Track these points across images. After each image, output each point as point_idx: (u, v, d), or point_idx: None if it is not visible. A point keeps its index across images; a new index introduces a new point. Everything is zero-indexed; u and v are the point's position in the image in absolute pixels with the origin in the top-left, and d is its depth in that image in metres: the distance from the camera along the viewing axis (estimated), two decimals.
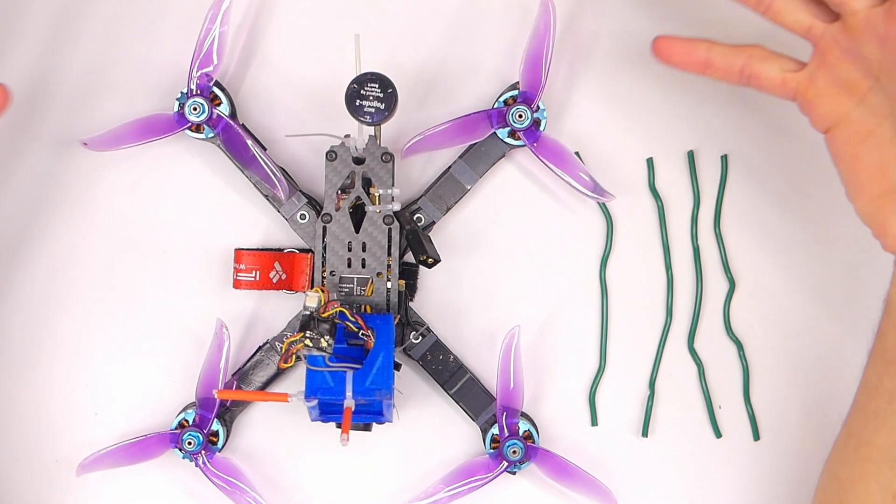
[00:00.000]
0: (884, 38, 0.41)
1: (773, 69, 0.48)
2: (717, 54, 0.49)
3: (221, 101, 0.59)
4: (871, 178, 0.44)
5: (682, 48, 0.49)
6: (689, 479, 0.62)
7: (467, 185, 0.60)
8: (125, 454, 0.59)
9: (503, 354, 0.59)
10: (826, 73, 0.45)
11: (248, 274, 0.59)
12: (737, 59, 0.48)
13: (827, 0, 0.43)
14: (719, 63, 0.49)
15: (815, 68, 0.46)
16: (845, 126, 0.45)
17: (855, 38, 0.43)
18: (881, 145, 0.44)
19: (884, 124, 0.43)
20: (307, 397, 0.50)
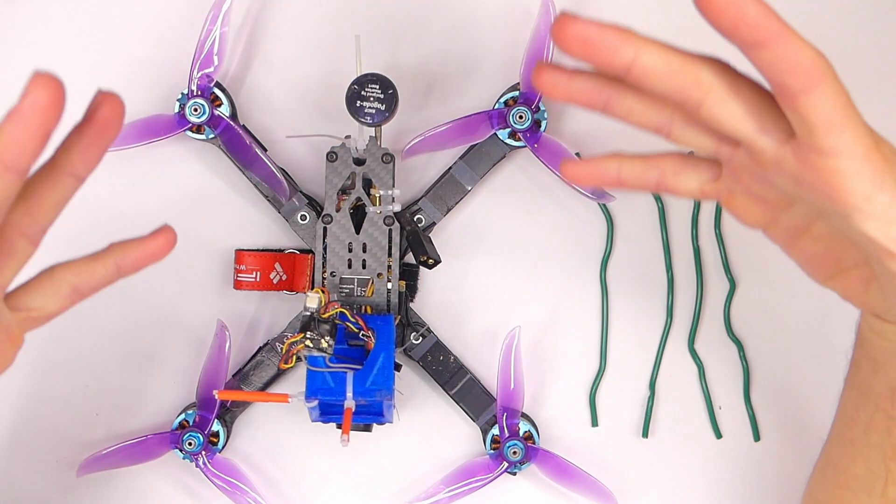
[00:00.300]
0: (797, 178, 0.37)
1: (690, 183, 0.43)
2: (628, 171, 0.44)
3: (222, 101, 0.59)
4: (821, 264, 0.43)
5: (589, 170, 0.44)
6: (690, 479, 0.62)
7: (468, 185, 0.60)
8: (126, 455, 0.59)
9: (503, 355, 0.59)
10: (743, 190, 0.41)
11: (249, 275, 0.59)
12: (650, 174, 0.43)
13: (721, 131, 0.38)
14: (631, 181, 0.44)
15: (732, 184, 0.42)
16: (777, 227, 0.42)
17: (766, 171, 0.39)
18: (820, 238, 0.42)
19: (817, 223, 0.41)
20: (307, 398, 0.50)
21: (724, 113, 0.37)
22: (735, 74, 0.37)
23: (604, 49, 0.36)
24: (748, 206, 0.42)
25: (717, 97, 0.37)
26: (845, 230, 0.38)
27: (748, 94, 0.37)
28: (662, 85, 0.36)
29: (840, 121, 0.35)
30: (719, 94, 0.37)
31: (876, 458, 0.45)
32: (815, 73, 0.35)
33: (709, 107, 0.37)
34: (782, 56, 0.34)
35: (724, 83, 0.37)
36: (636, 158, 0.44)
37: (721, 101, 0.37)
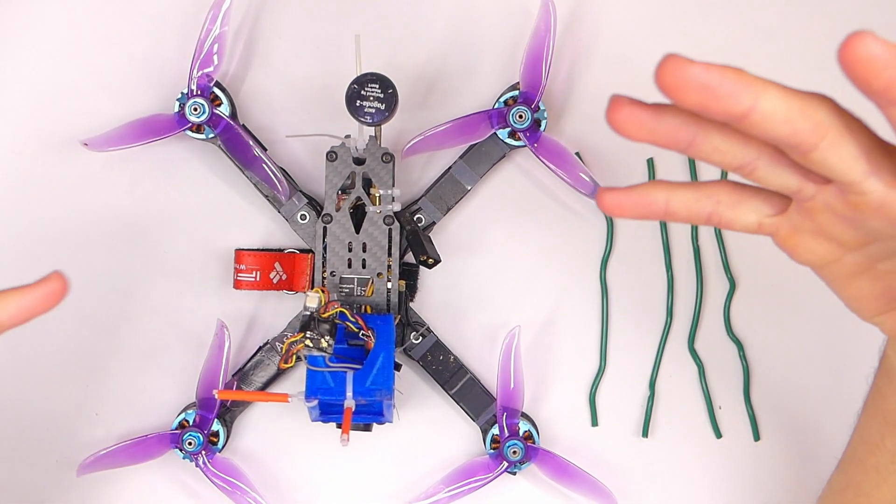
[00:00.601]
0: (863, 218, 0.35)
1: (748, 216, 0.40)
2: (679, 203, 0.39)
3: (222, 101, 0.59)
4: (874, 301, 0.41)
5: (632, 201, 0.39)
6: (690, 479, 0.62)
7: (468, 185, 0.60)
8: (126, 454, 0.59)
9: (503, 355, 0.59)
10: (812, 228, 0.39)
11: (249, 274, 0.59)
12: (703, 205, 0.39)
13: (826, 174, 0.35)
14: (682, 213, 0.39)
15: (800, 221, 0.39)
16: (837, 266, 0.40)
17: (860, 213, 0.36)
18: (883, 276, 0.40)
19: (885, 262, 0.39)
20: (307, 398, 0.50)
21: (837, 156, 0.34)
22: (846, 114, 0.34)
23: (723, 97, 0.32)
24: (812, 245, 0.39)
25: (832, 140, 0.34)
26: None
27: (861, 135, 0.34)
28: (778, 131, 0.33)
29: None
30: (835, 136, 0.34)
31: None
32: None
33: (822, 150, 0.34)
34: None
35: (838, 124, 0.34)
36: (686, 188, 0.39)
37: (836, 144, 0.34)
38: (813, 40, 0.63)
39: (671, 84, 0.31)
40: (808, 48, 0.63)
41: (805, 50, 0.63)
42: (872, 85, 0.31)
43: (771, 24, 0.62)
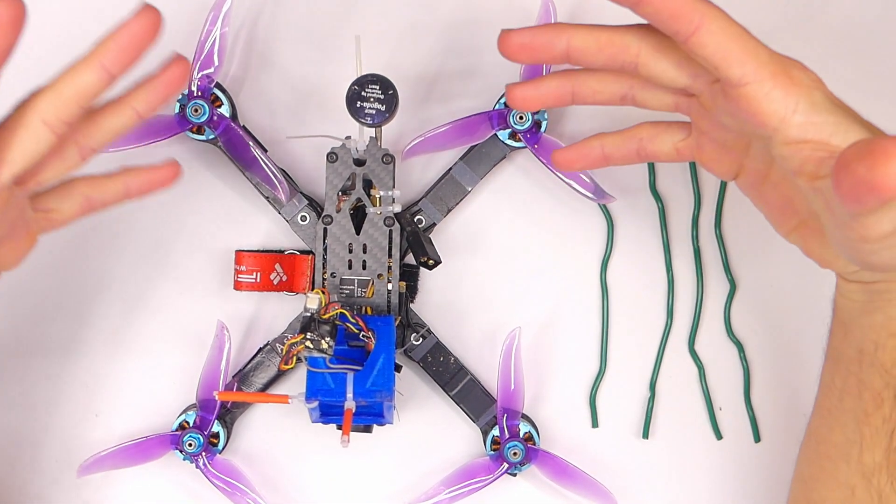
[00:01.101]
0: (730, 112, 0.41)
1: (665, 145, 0.48)
2: (611, 146, 0.49)
3: (222, 102, 0.59)
4: (783, 213, 0.46)
5: (576, 154, 0.51)
6: (690, 480, 0.62)
7: (468, 186, 0.60)
8: (126, 455, 0.59)
9: (504, 356, 0.59)
10: (707, 139, 0.46)
11: (249, 275, 0.59)
12: (630, 144, 0.49)
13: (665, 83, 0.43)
14: (616, 154, 0.49)
15: (698, 136, 0.46)
16: (744, 175, 0.46)
17: (711, 112, 0.43)
18: (778, 185, 0.45)
19: (772, 167, 0.44)
20: (308, 399, 0.50)
21: (657, 68, 0.42)
22: (658, 34, 0.41)
23: (541, 47, 0.43)
24: (716, 157, 0.46)
25: (647, 57, 0.42)
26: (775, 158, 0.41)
27: (674, 47, 0.41)
28: (599, 57, 0.43)
29: (737, 52, 0.39)
30: (648, 53, 0.42)
31: (850, 423, 0.46)
32: (694, 13, 0.38)
33: (643, 66, 0.42)
34: (660, 7, 0.38)
35: (650, 43, 0.42)
36: (615, 134, 0.49)
37: (651, 58, 0.42)
38: (813, 40, 0.63)
39: (505, 51, 0.43)
40: (809, 48, 0.62)
41: (805, 50, 0.62)
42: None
43: (771, 24, 0.62)
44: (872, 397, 0.45)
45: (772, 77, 0.39)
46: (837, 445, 0.47)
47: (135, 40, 0.41)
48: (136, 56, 0.41)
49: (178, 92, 0.46)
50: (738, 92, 0.39)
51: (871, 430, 0.45)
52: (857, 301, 0.45)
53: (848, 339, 0.46)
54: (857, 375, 0.46)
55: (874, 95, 0.62)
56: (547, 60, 0.44)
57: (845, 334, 0.47)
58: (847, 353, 0.46)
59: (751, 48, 0.39)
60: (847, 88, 0.63)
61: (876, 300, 0.44)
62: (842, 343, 0.47)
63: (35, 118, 0.41)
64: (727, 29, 0.39)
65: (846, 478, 0.46)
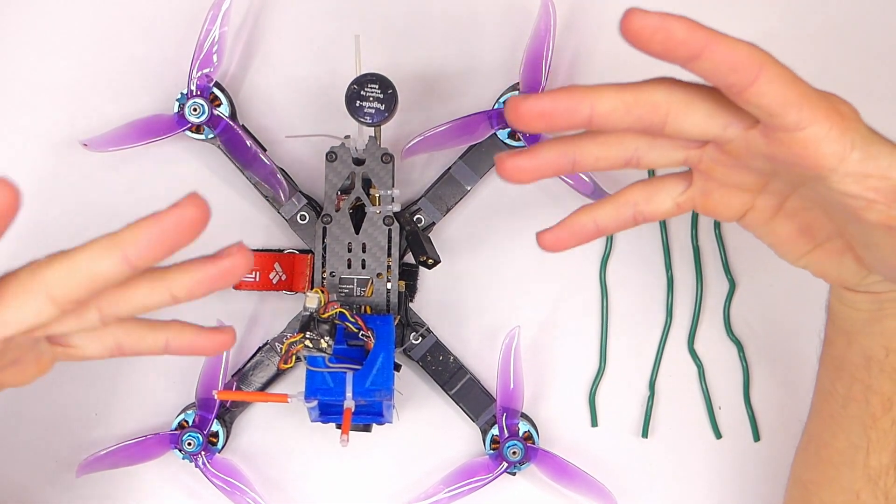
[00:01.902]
0: (770, 156, 0.39)
1: (664, 203, 0.44)
2: (604, 219, 0.45)
3: (221, 101, 0.59)
4: (795, 242, 0.45)
5: (568, 233, 0.45)
6: (690, 480, 0.62)
7: (467, 185, 0.60)
8: (125, 455, 0.59)
9: (503, 355, 0.59)
10: (717, 185, 0.43)
11: (248, 275, 0.59)
12: (624, 212, 0.44)
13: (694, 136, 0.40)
14: (611, 226, 0.45)
15: (704, 183, 0.43)
16: (754, 213, 0.44)
17: (739, 158, 0.41)
18: (794, 214, 0.44)
19: (790, 199, 0.43)
20: (307, 398, 0.50)
21: (687, 123, 0.39)
22: (684, 85, 0.39)
23: (562, 115, 0.38)
24: (725, 200, 0.44)
25: (676, 113, 0.39)
26: (822, 197, 0.40)
27: (702, 97, 0.39)
28: (625, 122, 0.39)
29: (794, 98, 0.37)
30: (677, 109, 0.39)
31: (856, 429, 0.46)
32: (754, 64, 0.36)
33: (672, 124, 0.39)
34: (719, 60, 0.36)
35: (679, 98, 0.39)
36: (606, 203, 0.45)
37: (681, 114, 0.39)
38: (813, 40, 0.63)
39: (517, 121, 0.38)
40: (808, 48, 0.62)
41: (805, 50, 0.62)
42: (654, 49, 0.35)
43: (771, 24, 0.62)
44: (881, 402, 0.45)
45: (827, 118, 0.37)
46: (841, 451, 0.47)
47: (170, 237, 0.36)
48: (167, 253, 0.37)
49: (228, 287, 0.40)
50: (793, 137, 0.38)
51: (879, 434, 0.45)
52: (864, 310, 0.45)
53: (853, 347, 0.46)
54: (863, 382, 0.45)
55: (874, 95, 0.62)
56: (565, 128, 0.39)
57: (849, 342, 0.46)
58: (852, 360, 0.46)
59: (803, 91, 0.37)
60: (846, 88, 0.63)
61: (888, 308, 0.44)
62: (845, 351, 0.47)
63: (41, 290, 0.37)
64: (783, 75, 0.37)
65: (850, 483, 0.46)
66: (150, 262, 0.36)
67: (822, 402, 0.49)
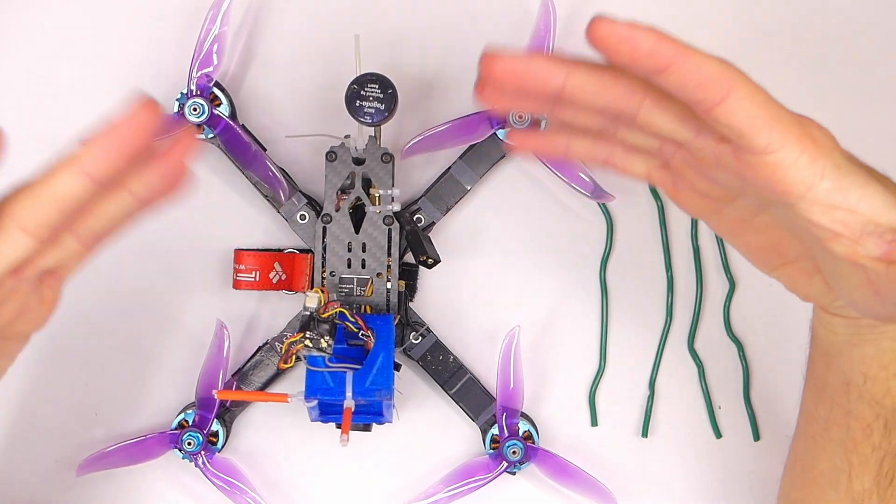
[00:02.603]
0: (738, 174, 0.38)
1: (638, 165, 0.43)
2: (578, 148, 0.44)
3: (221, 101, 0.59)
4: (765, 255, 0.44)
5: (537, 143, 0.46)
6: (689, 479, 0.62)
7: (467, 185, 0.60)
8: (125, 454, 0.59)
9: (503, 355, 0.59)
10: (687, 185, 0.42)
11: (248, 274, 0.59)
12: (598, 150, 0.44)
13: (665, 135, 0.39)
14: (580, 153, 0.44)
15: (675, 177, 0.43)
16: (720, 219, 0.43)
17: (709, 169, 0.40)
18: (763, 230, 0.42)
19: (760, 215, 0.42)
20: (307, 398, 0.50)
21: (659, 120, 0.38)
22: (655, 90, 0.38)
23: (535, 77, 0.37)
24: (692, 201, 0.43)
25: (650, 106, 0.38)
26: (790, 220, 0.39)
27: (674, 103, 0.38)
28: (598, 101, 0.38)
29: (764, 120, 0.36)
30: (652, 102, 0.38)
31: (838, 452, 0.45)
32: (723, 82, 0.35)
33: (644, 115, 0.38)
34: (686, 75, 0.35)
35: (655, 91, 0.37)
36: (587, 135, 0.43)
37: (655, 109, 0.38)
38: (812, 40, 0.63)
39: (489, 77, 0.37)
40: (808, 48, 0.62)
41: (804, 50, 0.62)
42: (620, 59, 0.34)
43: (770, 24, 0.62)
44: (861, 427, 0.44)
45: (798, 143, 0.36)
46: (825, 473, 0.46)
47: (124, 143, 0.36)
48: (125, 161, 0.36)
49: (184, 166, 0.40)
50: (761, 159, 0.36)
51: (860, 459, 0.45)
52: (842, 334, 0.44)
53: (832, 370, 0.45)
54: (843, 406, 0.45)
55: (874, 95, 0.63)
56: (532, 98, 0.38)
57: (828, 365, 0.45)
58: (832, 383, 0.45)
59: (775, 113, 0.36)
60: (847, 87, 0.63)
61: (865, 333, 0.43)
62: (825, 373, 0.46)
63: (10, 224, 0.37)
64: (754, 95, 0.35)
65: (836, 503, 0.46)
66: (112, 172, 0.36)
67: (806, 423, 0.48)
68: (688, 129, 0.39)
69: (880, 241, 0.36)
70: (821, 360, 0.46)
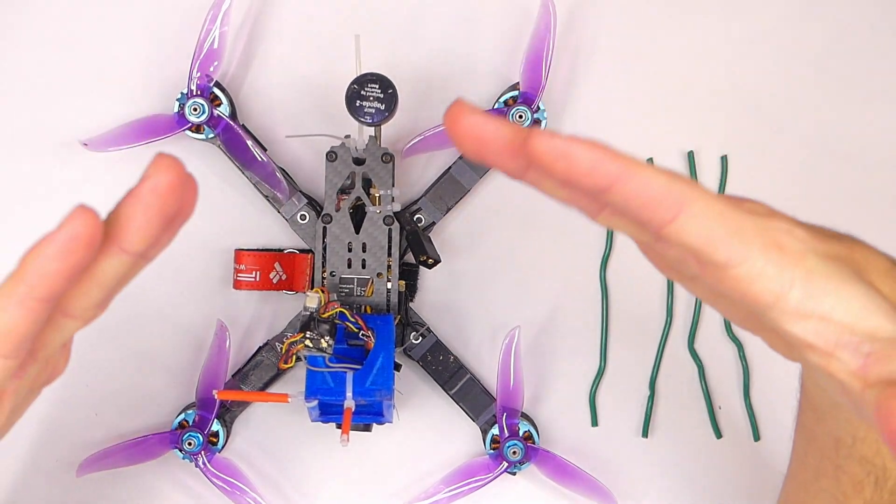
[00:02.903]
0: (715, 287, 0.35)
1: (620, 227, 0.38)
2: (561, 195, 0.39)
3: (222, 101, 0.59)
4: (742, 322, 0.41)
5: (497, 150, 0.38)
6: (690, 479, 0.62)
7: (467, 185, 0.60)
8: (125, 455, 0.59)
9: (503, 355, 0.59)
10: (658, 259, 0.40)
11: (249, 274, 0.59)
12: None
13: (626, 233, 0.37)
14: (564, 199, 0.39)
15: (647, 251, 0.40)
16: (693, 288, 0.41)
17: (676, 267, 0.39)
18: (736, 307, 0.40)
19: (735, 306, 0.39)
20: (307, 398, 0.50)
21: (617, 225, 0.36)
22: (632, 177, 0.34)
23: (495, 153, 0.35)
24: (663, 269, 0.41)
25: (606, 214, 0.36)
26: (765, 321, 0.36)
27: None
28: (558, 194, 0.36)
29: (722, 233, 0.33)
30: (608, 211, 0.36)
31: (828, 502, 0.44)
32: (672, 201, 0.32)
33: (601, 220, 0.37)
34: (633, 195, 0.31)
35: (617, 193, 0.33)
36: None
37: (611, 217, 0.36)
38: (812, 40, 0.63)
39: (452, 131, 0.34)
40: (807, 48, 0.62)
41: (803, 50, 0.62)
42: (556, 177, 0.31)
43: (770, 24, 0.62)
44: (851, 483, 0.43)
45: (762, 254, 0.33)
46: None
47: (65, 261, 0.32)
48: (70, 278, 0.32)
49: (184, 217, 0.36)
50: (723, 273, 0.33)
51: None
52: (831, 392, 0.40)
53: (822, 426, 0.43)
54: (833, 461, 0.43)
55: (874, 93, 0.63)
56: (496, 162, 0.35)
57: (818, 420, 0.44)
58: (821, 437, 0.44)
59: (734, 225, 0.33)
60: (847, 87, 0.63)
61: None
62: (815, 426, 0.44)
63: None
64: (709, 209, 0.32)
65: None
66: (59, 292, 0.32)
67: (796, 469, 0.47)
68: (648, 234, 0.35)
69: (856, 354, 0.33)
70: (809, 413, 0.44)
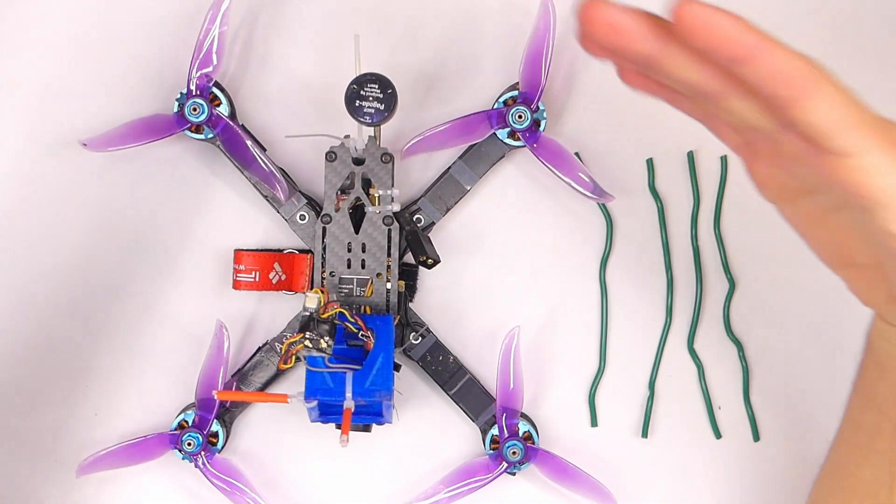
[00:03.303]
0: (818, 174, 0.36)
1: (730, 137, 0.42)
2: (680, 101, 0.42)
3: (221, 101, 0.59)
4: (832, 253, 0.42)
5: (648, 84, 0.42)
6: (689, 479, 0.62)
7: (467, 185, 0.60)
8: (125, 455, 0.59)
9: (503, 355, 0.59)
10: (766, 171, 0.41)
11: (248, 275, 0.59)
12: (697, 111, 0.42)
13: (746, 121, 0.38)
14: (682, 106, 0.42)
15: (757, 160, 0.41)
16: (793, 210, 0.42)
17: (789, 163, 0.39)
18: (835, 230, 0.41)
19: (834, 215, 0.40)
20: (307, 398, 0.50)
21: (741, 107, 0.37)
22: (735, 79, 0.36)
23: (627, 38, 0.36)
24: (767, 185, 0.41)
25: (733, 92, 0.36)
26: (866, 225, 0.37)
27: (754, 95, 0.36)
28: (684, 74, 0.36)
29: (847, 121, 0.34)
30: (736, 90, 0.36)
31: (882, 464, 0.44)
32: (807, 80, 0.34)
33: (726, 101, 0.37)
34: (770, 69, 0.33)
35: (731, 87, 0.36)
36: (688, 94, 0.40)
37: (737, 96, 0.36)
38: (812, 40, 0.63)
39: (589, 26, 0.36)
40: (807, 48, 0.62)
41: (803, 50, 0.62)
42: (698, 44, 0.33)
43: (770, 24, 0.62)
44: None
45: (881, 147, 0.34)
46: (865, 484, 0.45)
47: None
48: None
49: None
50: (841, 162, 0.34)
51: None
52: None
53: (884, 382, 0.44)
54: (892, 420, 0.43)
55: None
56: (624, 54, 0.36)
57: (881, 376, 0.44)
58: (882, 394, 0.44)
59: (858, 115, 0.34)
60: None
61: None
62: (877, 383, 0.44)
63: None
64: (839, 94, 0.34)
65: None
66: None
67: (850, 431, 0.47)
68: (771, 121, 0.37)
69: None
70: (874, 369, 0.44)
